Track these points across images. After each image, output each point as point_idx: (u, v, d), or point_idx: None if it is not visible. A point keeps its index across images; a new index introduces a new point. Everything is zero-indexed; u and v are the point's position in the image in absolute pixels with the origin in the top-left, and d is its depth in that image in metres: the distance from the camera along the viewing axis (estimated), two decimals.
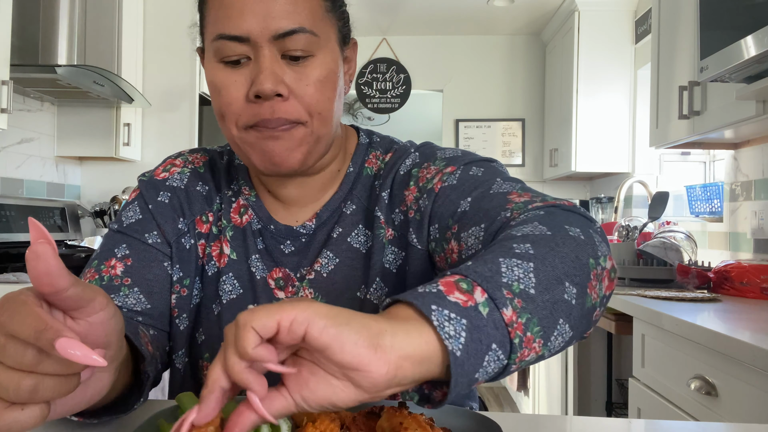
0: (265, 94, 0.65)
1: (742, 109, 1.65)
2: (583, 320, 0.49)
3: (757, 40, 1.35)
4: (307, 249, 0.77)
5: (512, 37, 4.34)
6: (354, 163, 0.80)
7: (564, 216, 0.56)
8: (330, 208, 0.78)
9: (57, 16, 2.33)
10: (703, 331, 1.25)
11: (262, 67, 0.65)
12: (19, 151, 2.61)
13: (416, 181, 0.74)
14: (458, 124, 4.37)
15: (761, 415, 1.10)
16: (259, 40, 0.65)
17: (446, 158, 0.75)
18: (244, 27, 0.65)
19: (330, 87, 0.69)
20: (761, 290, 1.71)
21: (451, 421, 0.55)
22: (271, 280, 0.76)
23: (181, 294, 0.76)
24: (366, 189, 0.79)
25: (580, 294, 0.48)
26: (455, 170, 0.72)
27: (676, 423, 0.62)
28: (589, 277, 0.50)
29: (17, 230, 2.34)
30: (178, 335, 0.77)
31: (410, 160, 0.78)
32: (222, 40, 0.66)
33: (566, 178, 4.12)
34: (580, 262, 0.50)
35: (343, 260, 0.75)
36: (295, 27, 0.66)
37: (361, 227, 0.77)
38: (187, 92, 3.08)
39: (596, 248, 0.52)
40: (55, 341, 0.37)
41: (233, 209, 0.79)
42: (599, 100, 3.49)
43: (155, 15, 3.06)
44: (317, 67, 0.68)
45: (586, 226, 0.55)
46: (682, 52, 2.06)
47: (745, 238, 2.20)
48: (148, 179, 0.81)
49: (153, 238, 0.76)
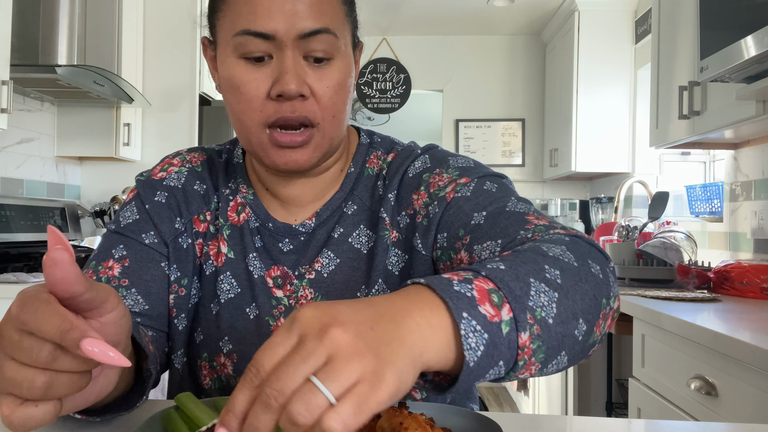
0: (288, 94, 0.66)
1: (742, 109, 1.65)
2: (581, 354, 0.52)
3: (757, 40, 1.35)
4: (306, 247, 0.77)
5: (512, 37, 4.34)
6: (355, 163, 0.80)
7: (587, 249, 0.57)
8: (330, 208, 0.78)
9: (57, 16, 2.33)
10: (703, 331, 1.25)
11: (287, 67, 0.66)
12: (19, 151, 2.61)
13: (427, 187, 0.74)
14: (458, 124, 4.37)
15: (761, 415, 1.10)
16: (284, 39, 0.65)
17: (459, 167, 0.75)
18: (271, 25, 0.65)
19: (345, 90, 0.70)
20: (761, 290, 1.71)
21: (451, 420, 0.55)
22: (269, 278, 0.76)
23: (179, 294, 0.76)
24: (368, 189, 0.79)
25: (588, 331, 0.51)
26: (469, 182, 0.72)
27: (676, 423, 0.62)
28: (599, 316, 0.52)
29: (17, 230, 2.34)
30: (176, 335, 0.76)
31: (419, 163, 0.78)
32: (246, 35, 0.66)
33: (566, 178, 4.12)
34: (596, 301, 0.52)
35: (344, 260, 0.75)
36: (320, 27, 0.66)
37: (362, 227, 0.77)
38: (187, 92, 3.08)
39: (610, 288, 0.55)
40: (81, 341, 0.38)
41: (230, 207, 0.79)
42: (599, 100, 3.49)
43: (155, 15, 3.06)
44: (336, 70, 0.69)
45: (604, 264, 0.57)
46: (682, 52, 2.06)
47: (745, 238, 2.20)
48: (145, 179, 0.80)
49: (150, 238, 0.75)
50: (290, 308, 0.75)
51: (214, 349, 0.75)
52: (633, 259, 2.13)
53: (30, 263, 2.20)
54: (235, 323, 0.75)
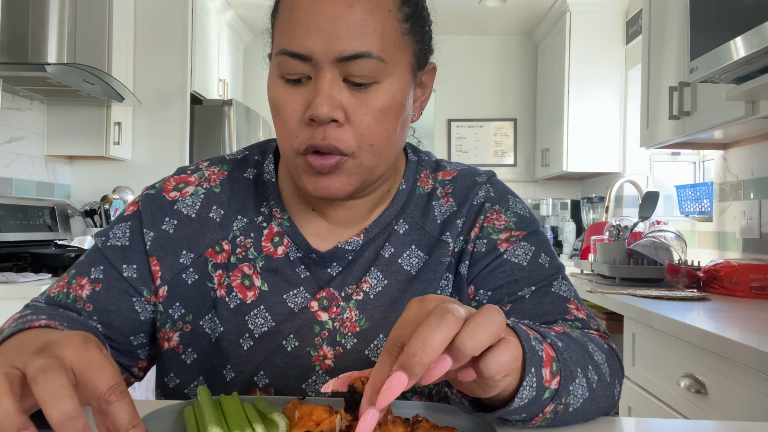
0: (319, 118, 0.61)
1: (731, 109, 1.66)
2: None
3: (747, 41, 1.37)
4: (353, 266, 0.72)
5: (504, 38, 4.36)
6: (406, 181, 0.76)
7: (617, 368, 0.66)
8: (380, 225, 0.73)
9: (47, 14, 2.31)
10: (692, 330, 1.26)
11: (321, 89, 0.61)
12: (8, 150, 2.59)
13: (483, 220, 0.74)
14: (450, 124, 4.38)
15: (750, 412, 1.11)
16: (321, 61, 0.61)
17: (517, 214, 0.76)
18: (308, 45, 0.61)
19: (391, 118, 0.65)
20: (750, 289, 1.72)
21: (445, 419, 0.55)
22: (315, 301, 0.71)
23: (185, 330, 0.71)
24: (419, 208, 0.75)
25: (577, 424, 0.62)
26: (523, 238, 0.74)
27: (666, 421, 0.63)
28: (596, 418, 0.63)
29: (6, 230, 2.32)
30: (185, 370, 0.72)
31: (483, 192, 0.76)
32: (284, 56, 0.63)
33: (558, 178, 4.14)
34: (602, 413, 0.63)
35: (391, 282, 0.72)
36: (361, 51, 0.61)
37: (413, 248, 0.73)
38: (178, 91, 3.07)
39: (615, 403, 0.65)
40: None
41: (264, 237, 0.72)
42: (590, 101, 3.50)
43: (146, 13, 3.04)
44: (380, 95, 0.63)
45: (621, 383, 0.67)
46: (672, 53, 2.08)
47: (734, 237, 2.22)
48: (155, 195, 0.74)
49: (129, 271, 0.71)
50: (335, 331, 0.70)
51: (247, 385, 0.70)
52: (623, 259, 2.14)
53: (19, 263, 2.19)
54: (271, 357, 0.70)
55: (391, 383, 0.41)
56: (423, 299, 0.46)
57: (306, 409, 0.51)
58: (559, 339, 0.58)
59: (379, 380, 0.43)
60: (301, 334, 0.70)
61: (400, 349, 0.43)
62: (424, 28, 0.69)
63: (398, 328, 0.45)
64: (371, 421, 0.42)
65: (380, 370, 0.43)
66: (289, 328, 0.70)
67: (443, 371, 0.43)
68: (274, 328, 0.70)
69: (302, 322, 0.70)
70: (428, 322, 0.42)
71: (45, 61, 2.29)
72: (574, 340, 0.61)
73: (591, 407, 0.60)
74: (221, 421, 0.50)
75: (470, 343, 0.42)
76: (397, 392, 0.41)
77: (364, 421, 0.42)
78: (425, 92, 0.73)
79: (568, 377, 0.55)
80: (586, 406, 0.58)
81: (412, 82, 0.68)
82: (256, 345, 0.70)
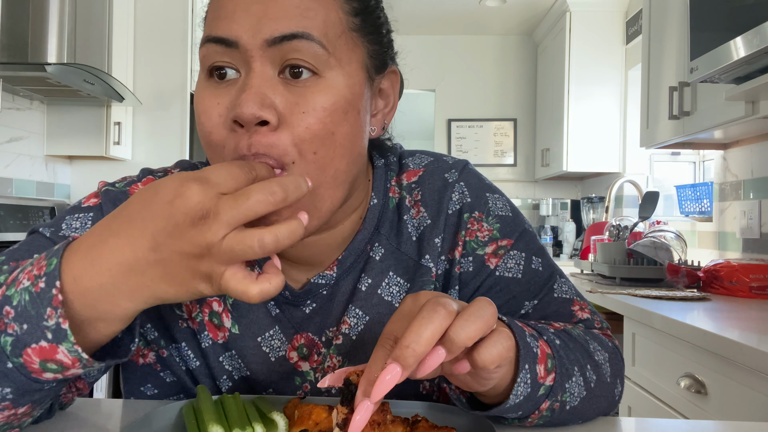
0: (244, 118, 0.49)
1: (731, 109, 1.66)
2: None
3: (747, 41, 1.37)
4: (330, 303, 0.64)
5: (504, 38, 4.36)
6: (377, 194, 0.66)
7: (619, 368, 0.65)
8: (354, 252, 0.64)
9: (47, 14, 2.31)
10: (692, 330, 1.26)
11: (248, 84, 0.50)
12: (8, 149, 2.59)
13: (465, 234, 0.66)
14: (450, 124, 4.38)
15: (750, 412, 1.11)
16: (249, 47, 0.50)
17: (499, 217, 0.67)
18: (234, 28, 0.51)
19: (337, 120, 0.52)
20: (750, 289, 1.72)
21: (444, 419, 0.55)
22: (293, 351, 0.64)
23: (161, 354, 0.66)
24: (393, 226, 0.66)
25: (577, 423, 0.61)
26: (514, 251, 0.66)
27: (666, 421, 0.63)
28: (595, 418, 0.62)
29: (6, 230, 2.32)
30: (164, 385, 0.67)
31: (457, 196, 0.67)
32: (208, 44, 0.52)
33: (558, 178, 4.14)
34: (602, 413, 0.62)
35: (373, 317, 0.64)
36: (297, 31, 0.50)
37: (392, 275, 0.65)
38: (178, 91, 3.07)
39: (615, 403, 0.64)
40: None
41: None
42: (590, 101, 3.50)
43: (146, 13, 3.04)
44: (322, 91, 0.52)
45: (622, 383, 0.66)
46: (672, 53, 2.08)
47: (734, 237, 2.22)
48: (118, 193, 0.63)
49: None
50: (316, 381, 0.64)
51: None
52: (623, 259, 2.14)
53: None
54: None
55: (385, 375, 0.41)
56: (417, 295, 0.47)
57: (306, 409, 0.51)
58: (557, 336, 0.58)
59: (373, 373, 0.43)
60: (281, 387, 0.65)
61: (393, 343, 0.44)
62: (381, 30, 0.59)
63: (392, 322, 0.46)
64: (366, 413, 0.42)
65: (375, 363, 0.44)
66: (266, 381, 0.64)
67: (437, 363, 0.43)
68: (251, 377, 0.64)
69: (281, 376, 0.64)
70: (421, 315, 0.43)
71: (45, 61, 2.29)
72: (574, 338, 0.61)
73: (589, 407, 0.59)
74: (222, 419, 0.50)
75: (463, 333, 0.42)
76: (392, 384, 0.41)
77: (359, 413, 0.42)
78: (388, 104, 0.62)
79: (564, 375, 0.55)
80: (584, 405, 0.58)
81: (368, 84, 0.57)
82: (236, 387, 0.65)
